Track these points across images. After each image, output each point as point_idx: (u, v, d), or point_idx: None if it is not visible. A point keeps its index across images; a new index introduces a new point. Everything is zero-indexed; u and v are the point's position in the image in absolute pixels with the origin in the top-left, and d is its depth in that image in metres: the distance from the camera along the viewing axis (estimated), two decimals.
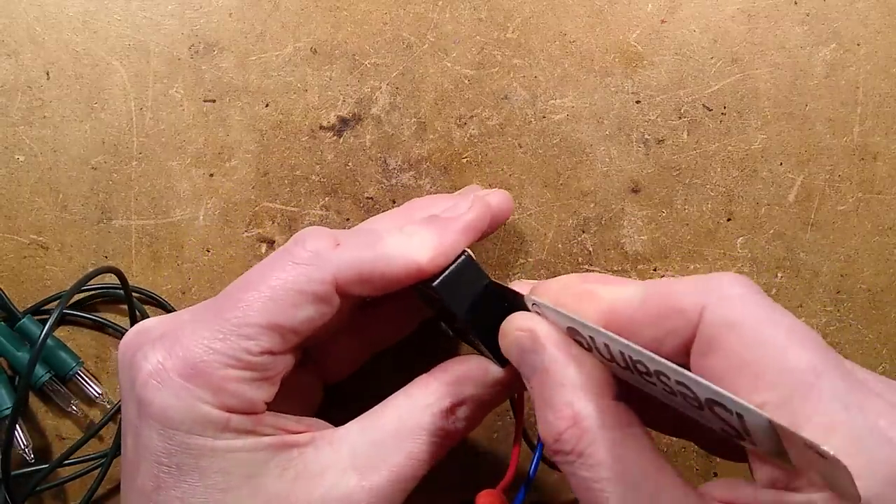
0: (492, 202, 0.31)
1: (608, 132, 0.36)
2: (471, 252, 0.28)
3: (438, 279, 0.27)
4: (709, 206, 0.36)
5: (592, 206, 0.36)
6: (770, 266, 0.36)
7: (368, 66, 0.36)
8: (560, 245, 0.36)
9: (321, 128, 0.37)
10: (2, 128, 0.37)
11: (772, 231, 0.36)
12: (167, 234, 0.37)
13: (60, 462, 0.35)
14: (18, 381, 0.36)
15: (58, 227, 0.37)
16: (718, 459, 0.36)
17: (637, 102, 0.36)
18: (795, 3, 0.36)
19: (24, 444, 0.35)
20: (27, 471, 0.35)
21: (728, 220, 0.36)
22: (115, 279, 0.34)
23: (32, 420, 0.37)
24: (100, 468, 0.35)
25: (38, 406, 0.37)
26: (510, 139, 0.36)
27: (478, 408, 0.28)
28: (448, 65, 0.36)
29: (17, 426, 0.34)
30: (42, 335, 0.31)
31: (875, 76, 0.36)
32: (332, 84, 0.37)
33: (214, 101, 0.37)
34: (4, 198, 0.37)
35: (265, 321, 0.25)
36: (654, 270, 0.36)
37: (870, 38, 0.36)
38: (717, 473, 0.36)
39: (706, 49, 0.36)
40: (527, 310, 0.25)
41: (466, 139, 0.36)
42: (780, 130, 0.36)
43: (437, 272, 0.27)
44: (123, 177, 0.37)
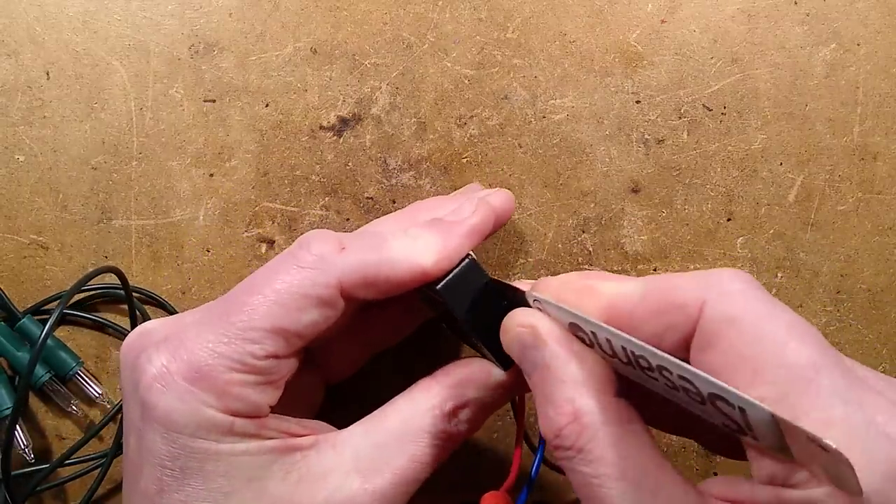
0: (495, 204, 0.31)
1: (608, 132, 0.36)
2: (474, 255, 0.28)
3: (442, 282, 0.27)
4: (709, 206, 0.36)
5: (592, 206, 0.36)
6: (770, 266, 0.36)
7: (368, 66, 0.36)
8: (560, 245, 0.36)
9: (321, 128, 0.37)
10: (2, 128, 0.37)
11: (772, 231, 0.36)
12: (167, 234, 0.37)
13: (61, 462, 0.35)
14: (18, 381, 0.36)
15: (58, 227, 0.37)
16: (718, 459, 0.36)
17: (637, 102, 0.36)
18: (795, 3, 0.36)
19: (24, 444, 0.35)
20: (27, 471, 0.35)
21: (728, 220, 0.36)
22: (116, 279, 0.34)
23: (32, 420, 0.37)
24: (100, 468, 0.35)
25: (39, 406, 0.37)
26: (510, 139, 0.36)
27: (480, 410, 0.28)
28: (448, 65, 0.36)
29: (18, 426, 0.34)
30: (42, 335, 0.31)
31: (875, 76, 0.36)
32: (332, 84, 0.37)
33: (214, 101, 0.37)
34: (4, 198, 0.37)
35: (270, 325, 0.25)
36: (654, 270, 0.36)
37: (870, 38, 0.36)
38: (717, 473, 0.36)
39: (706, 49, 0.36)
40: (528, 306, 0.25)
41: (466, 139, 0.36)
42: (780, 130, 0.36)
43: (441, 275, 0.27)
44: (123, 177, 0.37)
